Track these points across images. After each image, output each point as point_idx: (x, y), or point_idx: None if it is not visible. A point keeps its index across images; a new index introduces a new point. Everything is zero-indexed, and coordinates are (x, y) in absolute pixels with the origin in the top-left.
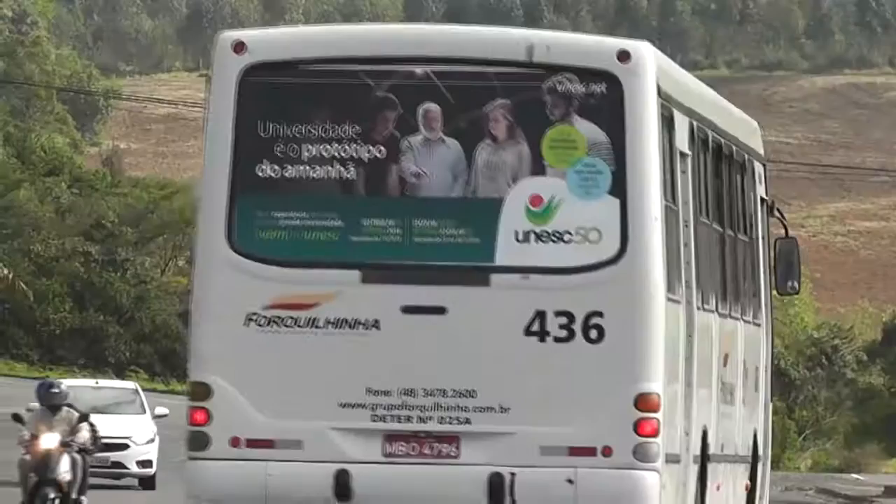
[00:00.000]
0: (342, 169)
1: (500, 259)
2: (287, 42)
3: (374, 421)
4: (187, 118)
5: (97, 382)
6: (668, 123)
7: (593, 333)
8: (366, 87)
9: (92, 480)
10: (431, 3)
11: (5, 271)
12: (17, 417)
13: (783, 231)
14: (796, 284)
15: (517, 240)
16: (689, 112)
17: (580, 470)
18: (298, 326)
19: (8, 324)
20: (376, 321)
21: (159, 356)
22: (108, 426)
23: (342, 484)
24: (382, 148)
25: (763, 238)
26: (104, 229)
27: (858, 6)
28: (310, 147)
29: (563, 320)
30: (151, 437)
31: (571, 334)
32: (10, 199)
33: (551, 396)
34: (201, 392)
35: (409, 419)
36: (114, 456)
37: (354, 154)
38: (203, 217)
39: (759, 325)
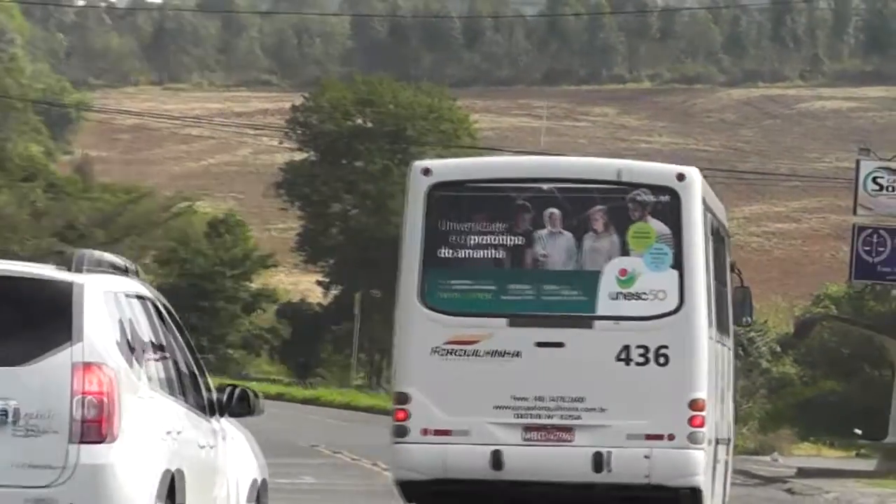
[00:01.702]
0: (494, 252)
1: (600, 311)
2: (458, 168)
3: (517, 417)
4: (152, 129)
5: None
6: (704, 220)
7: (661, 360)
8: (510, 197)
9: None
10: (378, 23)
11: None
12: None
13: (739, 281)
14: (749, 319)
15: (611, 298)
16: (709, 210)
17: (653, 449)
18: (466, 355)
19: None
20: (518, 352)
21: None
22: None
23: (496, 459)
24: (521, 238)
25: (731, 286)
26: (76, 231)
27: (773, 23)
28: (473, 237)
29: (641, 351)
30: None
31: (647, 360)
32: None
33: (634, 401)
34: (402, 398)
35: (539, 416)
36: None
37: (502, 242)
38: (402, 283)
39: (729, 347)
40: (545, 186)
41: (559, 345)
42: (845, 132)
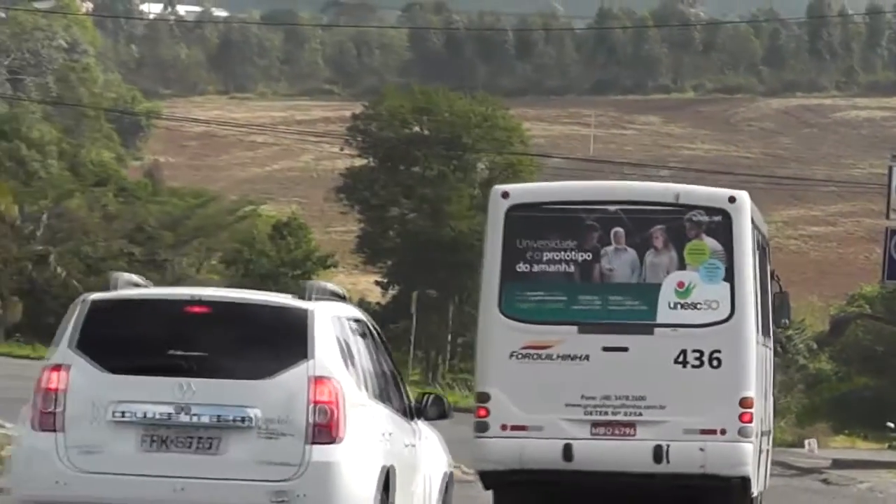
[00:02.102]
0: (565, 266)
1: (660, 319)
2: (532, 192)
3: (586, 414)
4: (218, 136)
5: None
6: (752, 238)
7: (715, 363)
8: (580, 218)
9: None
10: (434, 36)
11: (59, 269)
12: None
13: (778, 287)
14: (787, 321)
15: (669, 308)
16: (755, 227)
17: (707, 443)
18: (540, 359)
19: (61, 316)
20: (587, 355)
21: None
22: None
23: (567, 452)
24: (590, 254)
25: (771, 293)
26: (145, 233)
27: (810, 37)
28: (546, 254)
29: (697, 355)
30: None
31: (702, 363)
32: (63, 207)
33: (690, 399)
34: (484, 397)
35: (605, 413)
36: None
37: (573, 258)
38: (484, 294)
39: (770, 348)
40: (611, 208)
41: (623, 349)
42: (879, 140)
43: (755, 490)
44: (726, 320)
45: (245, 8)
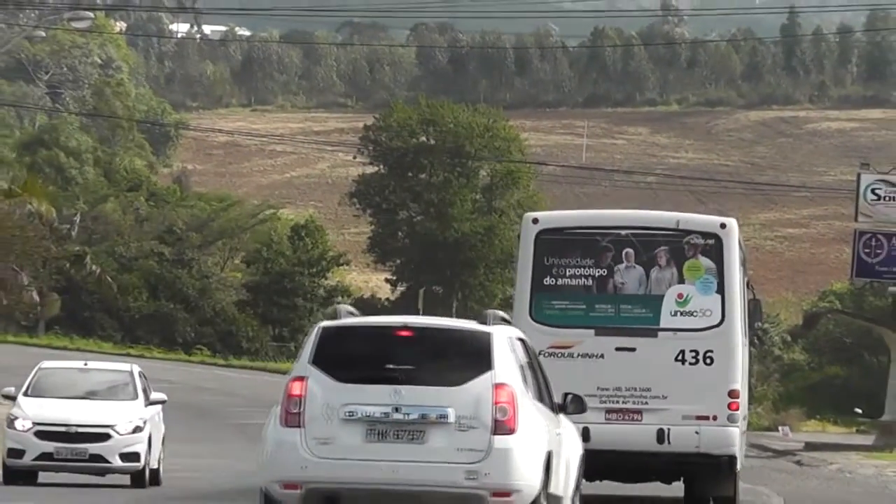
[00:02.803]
0: (584, 280)
1: (663, 324)
2: (558, 218)
3: (600, 403)
4: (241, 145)
5: (86, 364)
6: (739, 257)
7: (708, 361)
8: (597, 240)
9: (74, 477)
10: (440, 53)
11: (94, 268)
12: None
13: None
14: (760, 324)
15: (671, 315)
16: (740, 247)
17: (702, 427)
18: (563, 357)
19: (96, 311)
20: (602, 354)
21: (218, 336)
22: (88, 414)
23: (585, 434)
24: (605, 270)
25: (747, 299)
26: (174, 234)
27: (785, 54)
28: (569, 269)
29: (693, 354)
30: (139, 425)
31: (697, 361)
32: (98, 210)
33: (687, 391)
34: None
35: (617, 402)
36: (92, 448)
37: (590, 273)
38: (517, 303)
39: (746, 345)
40: (623, 232)
41: (632, 349)
42: (848, 149)
43: (738, 466)
44: (718, 325)
45: (266, 28)
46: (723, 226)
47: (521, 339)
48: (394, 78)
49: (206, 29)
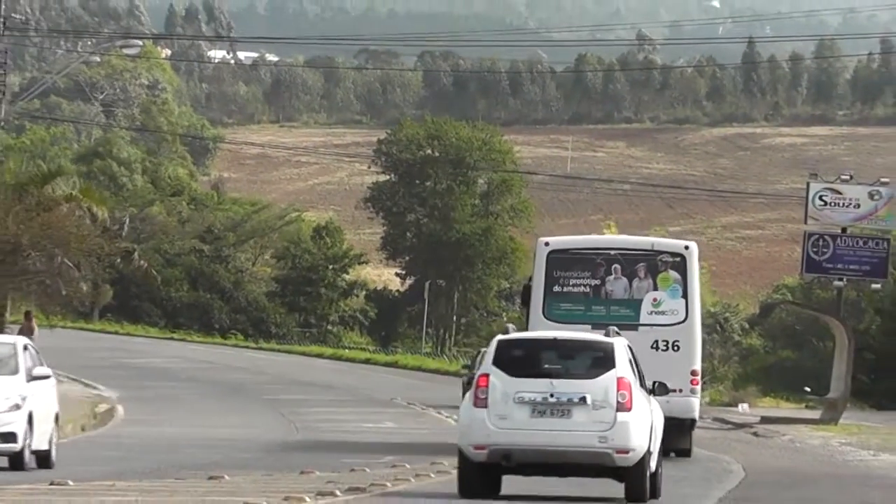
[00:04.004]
0: (583, 288)
1: (642, 321)
2: (564, 242)
3: None
4: (270, 156)
5: None
6: (697, 270)
7: (675, 348)
8: (592, 258)
9: None
10: (444, 77)
11: (142, 263)
12: None
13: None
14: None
15: (647, 314)
16: (699, 262)
17: (671, 398)
18: None
19: (143, 300)
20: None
21: (250, 323)
22: None
23: None
24: (598, 281)
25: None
26: (212, 234)
27: (744, 79)
28: (572, 280)
29: (665, 343)
30: (18, 402)
31: (668, 349)
32: (146, 213)
33: (660, 371)
34: None
35: None
36: None
37: (588, 283)
38: (533, 304)
39: (702, 336)
40: (612, 252)
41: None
42: (798, 161)
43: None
44: (683, 322)
45: (292, 54)
46: (686, 247)
47: (629, 346)
48: (403, 98)
49: (240, 55)
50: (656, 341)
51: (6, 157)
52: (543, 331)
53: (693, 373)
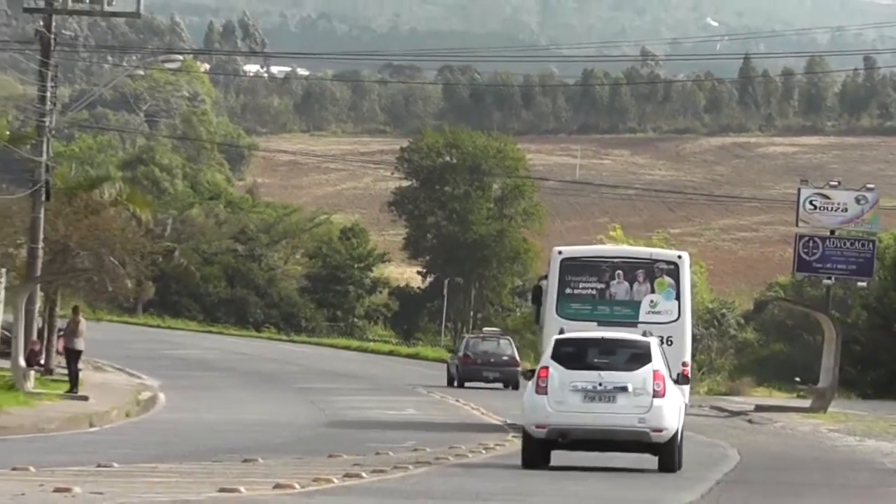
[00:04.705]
0: (591, 291)
1: (641, 319)
2: (575, 251)
3: None
4: (301, 163)
5: None
6: (689, 275)
7: (669, 342)
8: (599, 265)
9: None
10: (462, 90)
11: (183, 260)
12: None
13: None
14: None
15: (646, 313)
16: (689, 269)
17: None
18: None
19: (183, 296)
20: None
21: (282, 317)
22: None
23: None
24: (604, 285)
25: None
26: (247, 235)
27: (739, 92)
28: (581, 284)
29: (660, 339)
30: None
31: (663, 343)
32: (186, 215)
33: None
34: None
35: None
36: None
37: (594, 286)
38: (548, 305)
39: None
40: (616, 260)
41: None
42: (790, 168)
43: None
44: (676, 321)
45: (321, 68)
46: (679, 257)
47: (659, 344)
48: (424, 109)
49: (273, 69)
50: (645, 334)
51: (57, 163)
52: (592, 332)
53: (684, 364)
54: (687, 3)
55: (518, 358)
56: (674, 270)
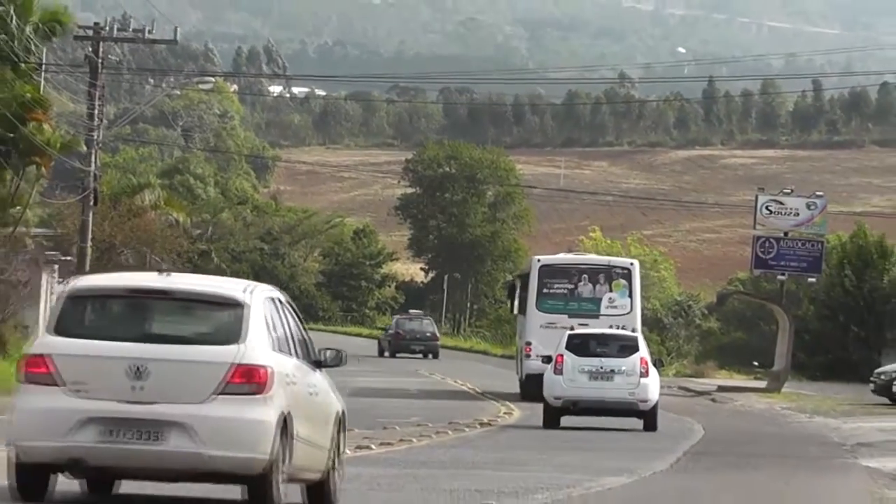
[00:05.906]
0: (563, 291)
1: (602, 312)
2: (550, 259)
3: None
4: (319, 173)
5: None
6: (639, 278)
7: (623, 329)
8: (569, 270)
9: None
10: (460, 108)
11: (215, 259)
12: None
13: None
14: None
15: (605, 308)
16: (640, 273)
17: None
18: (553, 328)
19: None
20: (572, 327)
21: (301, 309)
22: None
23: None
24: (573, 285)
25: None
26: (271, 236)
27: (704, 110)
28: (556, 285)
29: (616, 327)
30: None
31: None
32: (217, 219)
33: None
34: (529, 343)
35: None
36: None
37: (566, 287)
38: (529, 301)
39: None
40: (583, 266)
41: (586, 325)
42: (749, 178)
43: None
44: (628, 313)
45: (336, 89)
46: (632, 263)
47: (644, 337)
48: (427, 126)
49: (294, 90)
50: (611, 326)
51: (104, 172)
52: (595, 329)
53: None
54: (659, 32)
55: (438, 334)
56: (627, 274)
